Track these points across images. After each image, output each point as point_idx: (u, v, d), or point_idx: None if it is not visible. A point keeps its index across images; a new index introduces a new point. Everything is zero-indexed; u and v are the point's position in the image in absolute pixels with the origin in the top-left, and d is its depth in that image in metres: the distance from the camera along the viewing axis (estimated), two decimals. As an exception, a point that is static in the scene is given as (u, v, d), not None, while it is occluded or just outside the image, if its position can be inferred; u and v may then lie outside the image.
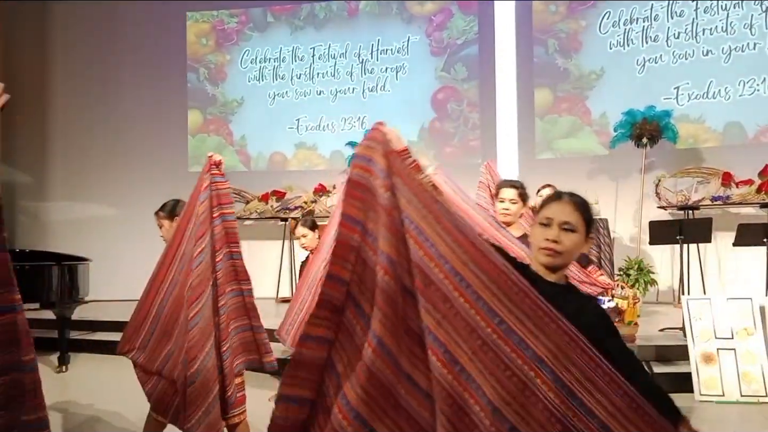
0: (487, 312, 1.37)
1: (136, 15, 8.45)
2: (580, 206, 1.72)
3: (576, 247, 1.69)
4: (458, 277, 1.39)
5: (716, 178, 6.69)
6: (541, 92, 7.60)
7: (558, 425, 1.32)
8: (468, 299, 1.38)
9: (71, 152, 8.41)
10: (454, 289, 1.39)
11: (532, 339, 1.34)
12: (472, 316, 1.37)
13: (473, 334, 1.37)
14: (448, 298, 1.39)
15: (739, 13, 6.99)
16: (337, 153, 8.00)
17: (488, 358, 1.35)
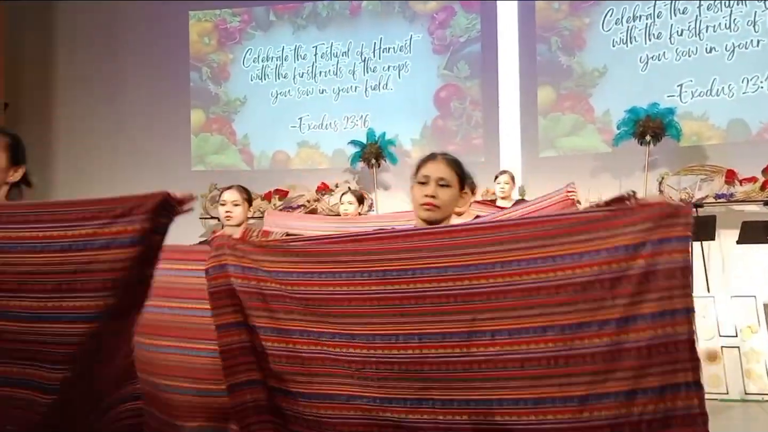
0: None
1: (138, 15, 8.46)
2: (452, 163, 1.92)
3: (452, 201, 1.86)
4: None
5: (720, 175, 6.67)
6: (543, 90, 7.58)
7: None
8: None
9: (75, 152, 8.42)
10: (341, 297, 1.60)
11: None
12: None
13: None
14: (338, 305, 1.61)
15: (743, 10, 6.97)
16: (339, 151, 8.00)
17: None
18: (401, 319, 1.54)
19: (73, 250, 1.42)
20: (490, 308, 1.49)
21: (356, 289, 1.58)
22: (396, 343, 1.54)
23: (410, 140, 7.92)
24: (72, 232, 1.43)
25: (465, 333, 1.50)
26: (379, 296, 1.57)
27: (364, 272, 1.58)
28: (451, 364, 1.51)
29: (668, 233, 1.43)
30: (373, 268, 1.57)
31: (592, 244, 1.46)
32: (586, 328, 1.44)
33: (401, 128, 7.80)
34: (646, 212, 1.47)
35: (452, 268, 1.51)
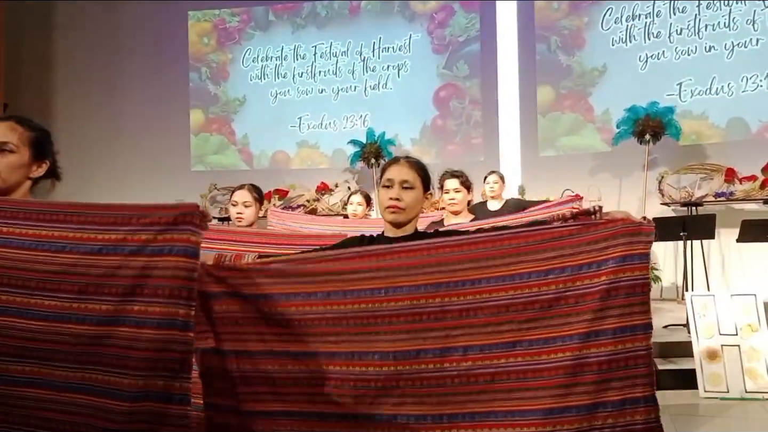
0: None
1: (137, 15, 8.46)
2: (415, 165, 1.93)
3: (416, 203, 1.89)
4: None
5: (719, 174, 6.67)
6: (543, 89, 7.58)
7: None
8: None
9: (74, 152, 8.38)
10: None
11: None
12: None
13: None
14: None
15: (741, 9, 6.97)
16: (339, 151, 8.00)
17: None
18: (376, 337, 1.58)
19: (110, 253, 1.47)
20: (462, 324, 1.54)
21: (332, 308, 1.61)
22: (372, 361, 1.58)
23: (410, 140, 7.92)
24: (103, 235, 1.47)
25: (438, 349, 1.55)
26: (354, 315, 1.60)
27: (338, 291, 1.61)
28: (425, 380, 1.55)
29: (630, 250, 1.50)
30: (348, 288, 1.61)
31: (558, 261, 1.52)
32: (552, 343, 1.51)
33: (401, 128, 7.80)
34: (609, 229, 1.52)
35: (425, 286, 1.56)
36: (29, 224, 1.50)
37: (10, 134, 1.78)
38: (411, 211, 1.92)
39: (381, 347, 1.58)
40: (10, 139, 1.78)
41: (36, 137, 1.86)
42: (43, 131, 1.91)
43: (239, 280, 1.68)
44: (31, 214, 1.52)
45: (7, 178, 1.78)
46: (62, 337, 1.45)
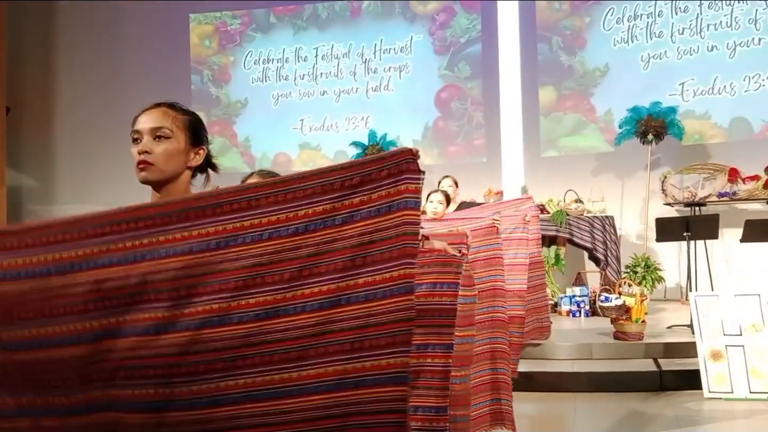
0: None
1: (138, 18, 8.47)
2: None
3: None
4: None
5: (723, 174, 6.66)
6: (545, 90, 7.58)
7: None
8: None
9: (77, 155, 8.43)
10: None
11: None
12: None
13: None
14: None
15: (743, 8, 6.96)
16: (341, 153, 8.00)
17: None
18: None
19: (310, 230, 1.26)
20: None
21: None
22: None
23: (412, 141, 7.91)
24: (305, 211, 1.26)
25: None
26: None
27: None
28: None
29: (440, 279, 1.67)
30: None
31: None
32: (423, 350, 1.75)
33: (402, 129, 7.80)
34: (426, 257, 1.68)
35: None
36: (208, 222, 1.27)
37: (163, 119, 1.65)
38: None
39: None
40: (164, 124, 1.64)
41: (191, 121, 1.69)
42: (196, 115, 1.73)
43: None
44: (205, 211, 1.28)
45: (165, 168, 1.64)
46: (284, 335, 1.25)
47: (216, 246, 1.26)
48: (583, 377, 4.19)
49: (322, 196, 1.25)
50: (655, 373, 4.16)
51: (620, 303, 4.88)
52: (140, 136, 1.67)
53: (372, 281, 1.24)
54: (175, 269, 1.26)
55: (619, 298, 4.96)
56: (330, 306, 1.25)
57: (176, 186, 1.65)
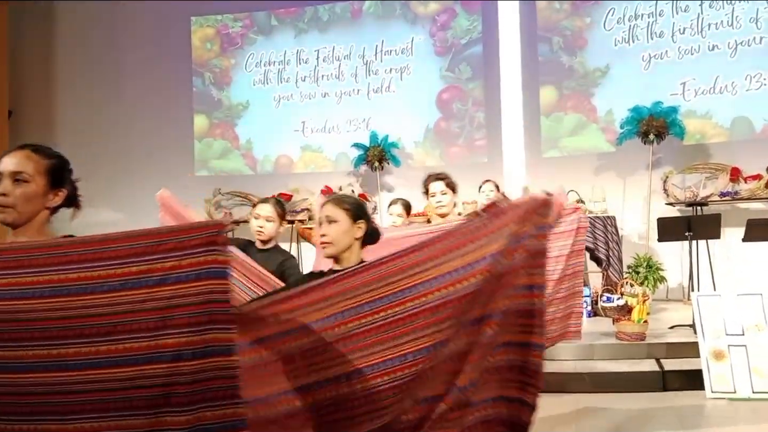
0: None
1: (140, 22, 8.50)
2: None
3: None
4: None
5: (724, 173, 6.65)
6: (546, 90, 7.58)
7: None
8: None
9: (78, 158, 8.31)
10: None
11: None
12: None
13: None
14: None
15: (744, 7, 6.95)
16: (342, 155, 8.01)
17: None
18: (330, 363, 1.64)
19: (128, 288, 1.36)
20: (407, 332, 1.62)
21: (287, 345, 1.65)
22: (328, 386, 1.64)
23: (413, 142, 7.92)
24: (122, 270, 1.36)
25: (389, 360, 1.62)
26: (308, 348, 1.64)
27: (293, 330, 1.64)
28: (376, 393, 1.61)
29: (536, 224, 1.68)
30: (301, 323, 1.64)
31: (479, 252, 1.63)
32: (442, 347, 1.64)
33: (404, 130, 7.81)
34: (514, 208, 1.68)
35: (368, 304, 1.62)
36: (39, 270, 1.38)
37: (24, 163, 1.72)
38: (339, 243, 2.09)
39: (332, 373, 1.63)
40: (24, 169, 1.71)
41: (52, 165, 1.79)
42: (60, 158, 1.83)
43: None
44: (40, 259, 1.39)
45: (23, 210, 1.71)
46: (93, 385, 1.34)
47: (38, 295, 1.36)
48: (586, 377, 4.19)
49: (141, 257, 1.35)
50: (657, 373, 4.16)
51: (622, 303, 4.88)
52: (0, 178, 1.72)
53: (178, 343, 1.33)
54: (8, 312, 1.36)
55: (621, 299, 4.95)
56: (142, 362, 1.33)
57: (32, 225, 1.76)
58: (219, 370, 1.33)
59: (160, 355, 1.33)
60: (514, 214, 1.67)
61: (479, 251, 1.63)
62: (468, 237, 1.65)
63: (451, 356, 1.65)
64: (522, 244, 1.66)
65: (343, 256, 2.13)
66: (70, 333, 1.35)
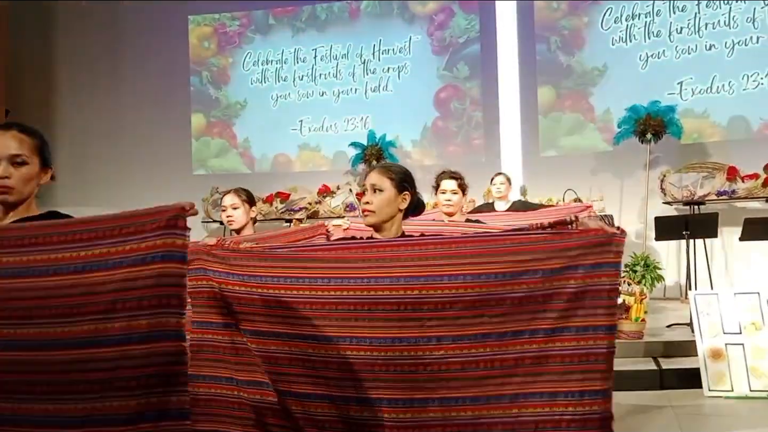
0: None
1: (138, 20, 8.47)
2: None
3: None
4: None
5: (721, 172, 6.67)
6: (543, 90, 7.58)
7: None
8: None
9: (76, 157, 8.42)
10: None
11: None
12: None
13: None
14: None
15: (741, 7, 6.97)
16: (340, 154, 8.01)
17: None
18: (355, 324, 1.70)
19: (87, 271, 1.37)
20: (437, 316, 1.67)
21: (315, 293, 1.72)
22: (350, 345, 1.70)
23: (411, 141, 7.92)
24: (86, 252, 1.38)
25: (413, 338, 1.67)
26: (336, 301, 1.72)
27: (324, 278, 1.72)
28: (398, 366, 1.68)
29: (600, 259, 1.64)
30: (333, 275, 1.72)
31: (532, 264, 1.65)
32: (520, 335, 1.65)
33: (401, 129, 7.80)
34: (582, 238, 1.66)
35: (404, 278, 1.68)
36: (11, 251, 1.41)
37: (20, 145, 1.73)
38: (382, 212, 2.04)
39: (358, 333, 1.69)
40: (22, 151, 1.72)
41: (40, 145, 1.81)
42: (42, 137, 1.85)
43: (238, 261, 1.80)
44: (11, 241, 1.43)
45: (23, 190, 1.72)
46: (42, 367, 1.36)
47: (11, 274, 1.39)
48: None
49: (103, 240, 1.37)
50: (654, 371, 4.17)
51: (620, 302, 4.88)
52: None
53: (127, 326, 1.33)
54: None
55: (619, 297, 4.96)
56: (89, 345, 1.34)
57: (24, 205, 1.77)
58: (167, 356, 1.33)
59: (107, 338, 1.33)
60: (582, 241, 1.65)
61: (535, 263, 1.65)
62: (525, 246, 1.67)
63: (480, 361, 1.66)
64: (581, 275, 1.64)
65: (385, 226, 2.07)
66: (33, 314, 1.37)
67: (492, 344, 1.65)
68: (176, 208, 1.39)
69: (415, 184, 2.16)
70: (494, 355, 1.65)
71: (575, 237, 1.66)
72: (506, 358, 1.65)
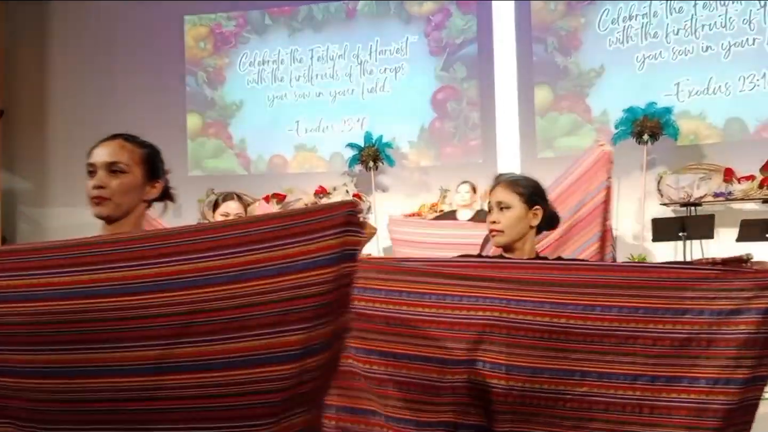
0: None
1: (133, 20, 8.43)
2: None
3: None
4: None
5: (718, 174, 6.67)
6: (540, 90, 7.57)
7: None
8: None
9: (71, 158, 8.36)
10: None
11: None
12: None
13: None
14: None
15: (738, 9, 6.98)
16: (337, 155, 7.98)
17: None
18: (489, 348, 1.53)
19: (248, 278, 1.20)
20: (583, 349, 1.49)
21: (443, 312, 1.55)
22: (482, 370, 1.52)
23: (408, 142, 7.91)
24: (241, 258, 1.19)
25: (554, 370, 1.50)
26: (465, 322, 1.55)
27: (455, 295, 1.55)
28: (536, 399, 1.50)
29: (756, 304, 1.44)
30: (465, 293, 1.55)
31: (697, 302, 1.46)
32: (677, 382, 1.46)
33: (398, 130, 7.79)
34: (757, 279, 1.47)
35: (549, 304, 1.50)
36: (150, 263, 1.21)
37: (119, 153, 1.64)
38: (512, 232, 1.86)
39: (492, 359, 1.52)
40: (120, 159, 1.63)
41: (147, 154, 1.70)
42: (153, 147, 1.75)
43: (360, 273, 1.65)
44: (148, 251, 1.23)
45: (120, 202, 1.61)
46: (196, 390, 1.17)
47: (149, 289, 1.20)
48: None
49: (260, 244, 1.18)
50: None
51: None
52: (95, 169, 1.66)
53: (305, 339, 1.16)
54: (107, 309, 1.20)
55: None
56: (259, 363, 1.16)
57: (129, 220, 1.64)
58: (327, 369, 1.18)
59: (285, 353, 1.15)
60: (754, 282, 1.47)
61: (701, 302, 1.46)
62: (690, 281, 1.49)
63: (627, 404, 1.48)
64: (755, 320, 1.44)
65: (516, 245, 1.89)
66: (178, 331, 1.18)
67: (642, 387, 1.47)
68: (348, 203, 1.23)
69: (547, 197, 1.98)
70: (643, 400, 1.47)
71: (750, 277, 1.48)
72: (657, 406, 1.47)
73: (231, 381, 1.16)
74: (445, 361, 1.55)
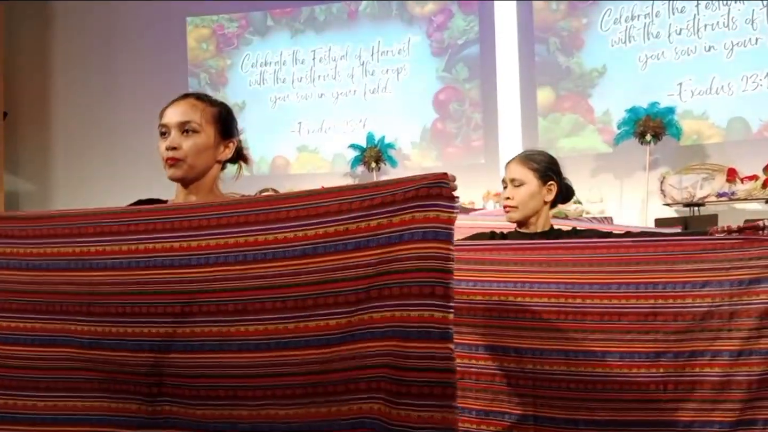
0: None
1: (135, 21, 8.45)
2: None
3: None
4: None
5: (721, 174, 6.65)
6: (543, 91, 7.57)
7: None
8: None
9: (74, 159, 8.40)
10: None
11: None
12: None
13: None
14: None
15: (740, 8, 6.96)
16: (339, 156, 7.99)
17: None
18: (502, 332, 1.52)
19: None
20: (602, 329, 1.46)
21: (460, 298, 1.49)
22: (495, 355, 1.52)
23: (410, 143, 7.91)
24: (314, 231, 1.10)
25: (572, 351, 1.48)
26: (484, 306, 1.54)
27: (469, 281, 1.53)
28: (554, 382, 1.49)
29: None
30: (479, 278, 1.53)
31: (716, 273, 1.45)
32: (699, 356, 1.45)
33: (400, 131, 7.79)
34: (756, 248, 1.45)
35: (565, 285, 1.48)
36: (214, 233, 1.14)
37: (191, 112, 1.58)
38: (526, 207, 1.86)
39: (505, 342, 1.51)
40: (192, 118, 1.57)
41: (219, 112, 1.63)
42: (226, 106, 1.68)
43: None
44: (211, 220, 1.15)
45: (194, 163, 1.58)
46: (281, 369, 1.10)
47: (215, 261, 1.13)
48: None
49: (337, 216, 1.09)
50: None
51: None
52: (168, 130, 1.61)
53: (387, 317, 1.06)
54: (170, 282, 1.15)
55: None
56: (338, 342, 1.08)
57: (204, 181, 1.62)
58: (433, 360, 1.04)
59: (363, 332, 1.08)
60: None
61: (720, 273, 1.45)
62: (707, 253, 1.46)
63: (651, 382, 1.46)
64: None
65: (530, 221, 1.90)
66: (249, 307, 1.11)
67: (666, 364, 1.45)
68: (440, 174, 1.11)
69: (561, 171, 1.98)
70: (668, 377, 1.46)
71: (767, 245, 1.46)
72: (682, 382, 1.45)
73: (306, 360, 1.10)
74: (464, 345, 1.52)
